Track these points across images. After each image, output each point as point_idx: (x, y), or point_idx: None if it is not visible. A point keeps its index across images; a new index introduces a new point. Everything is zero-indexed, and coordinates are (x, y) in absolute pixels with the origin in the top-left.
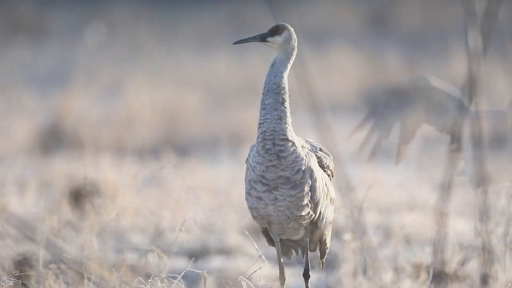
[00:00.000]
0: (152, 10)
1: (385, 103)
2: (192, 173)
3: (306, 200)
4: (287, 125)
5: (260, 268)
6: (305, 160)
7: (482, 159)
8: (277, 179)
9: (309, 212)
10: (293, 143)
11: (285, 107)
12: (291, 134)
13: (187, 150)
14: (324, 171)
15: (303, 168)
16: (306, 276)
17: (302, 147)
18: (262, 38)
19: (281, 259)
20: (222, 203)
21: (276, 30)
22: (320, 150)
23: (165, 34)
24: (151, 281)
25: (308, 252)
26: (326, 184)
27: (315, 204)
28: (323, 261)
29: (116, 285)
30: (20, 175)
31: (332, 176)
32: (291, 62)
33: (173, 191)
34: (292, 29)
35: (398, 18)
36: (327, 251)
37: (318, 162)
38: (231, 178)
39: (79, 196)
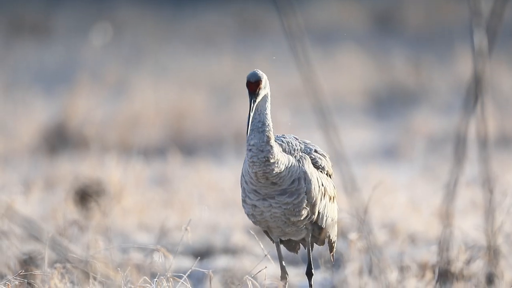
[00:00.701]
0: (157, 10)
1: None
2: (198, 172)
3: (303, 205)
4: (276, 164)
5: (266, 267)
6: (299, 166)
7: (487, 159)
8: (272, 192)
9: (307, 215)
10: (286, 167)
11: (271, 145)
12: (282, 164)
13: (192, 149)
14: (320, 172)
15: (297, 177)
16: (309, 274)
17: (294, 150)
18: (254, 102)
19: (282, 259)
20: (227, 202)
21: (257, 88)
22: (316, 151)
23: (171, 34)
24: (156, 281)
25: (311, 251)
26: (322, 184)
27: (312, 205)
28: (332, 255)
29: (122, 285)
30: (26, 174)
31: (330, 176)
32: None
33: (178, 191)
34: (261, 71)
35: (404, 18)
36: (335, 245)
37: (313, 163)
38: (236, 177)
39: (84, 195)
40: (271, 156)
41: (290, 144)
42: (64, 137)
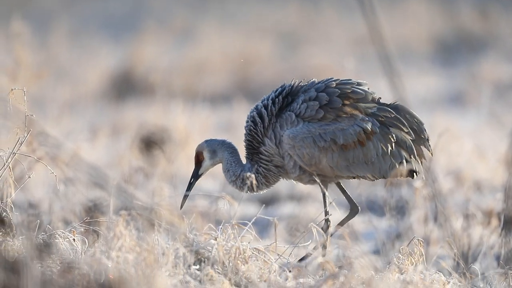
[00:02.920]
0: None
1: None
2: None
3: (296, 167)
4: (260, 189)
5: (331, 214)
6: (276, 136)
7: None
8: None
9: (308, 173)
10: (265, 174)
11: (248, 188)
12: (264, 180)
13: (258, 96)
14: (320, 121)
15: (277, 144)
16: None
17: (263, 134)
18: (197, 176)
19: (326, 202)
20: None
21: (198, 160)
22: (311, 98)
23: None
24: (221, 228)
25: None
26: (322, 140)
27: (314, 165)
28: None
29: (187, 232)
30: (92, 121)
31: (354, 111)
32: (235, 152)
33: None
34: (209, 142)
35: None
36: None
37: (304, 117)
38: None
39: (150, 142)
40: (254, 189)
41: (259, 131)
42: (130, 84)
